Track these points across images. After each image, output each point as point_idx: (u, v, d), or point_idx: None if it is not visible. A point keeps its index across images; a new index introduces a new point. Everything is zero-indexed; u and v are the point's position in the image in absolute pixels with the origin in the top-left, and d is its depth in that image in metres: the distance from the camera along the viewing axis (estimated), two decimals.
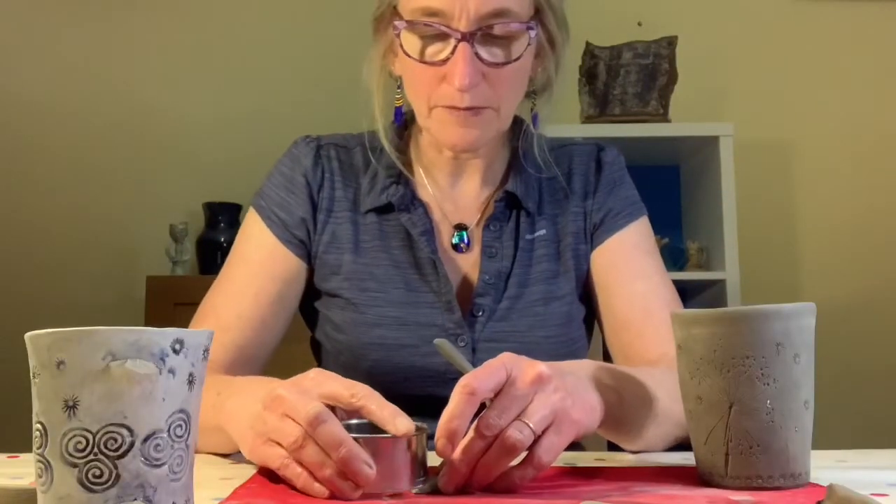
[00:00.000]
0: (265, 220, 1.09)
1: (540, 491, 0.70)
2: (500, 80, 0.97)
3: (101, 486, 0.51)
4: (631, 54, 2.32)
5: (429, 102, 0.99)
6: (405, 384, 1.00)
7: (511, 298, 1.04)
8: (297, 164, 1.10)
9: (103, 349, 0.51)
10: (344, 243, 1.06)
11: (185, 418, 0.53)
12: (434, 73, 0.97)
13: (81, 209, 2.54)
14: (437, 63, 0.96)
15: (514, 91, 1.01)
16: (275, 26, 2.62)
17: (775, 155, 2.63)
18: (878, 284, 2.58)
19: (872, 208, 2.61)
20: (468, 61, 0.94)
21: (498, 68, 0.97)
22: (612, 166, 1.13)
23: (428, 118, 1.01)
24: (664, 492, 0.69)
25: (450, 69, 0.95)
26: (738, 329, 0.68)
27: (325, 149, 1.11)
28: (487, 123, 1.00)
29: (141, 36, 2.60)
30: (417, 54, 0.98)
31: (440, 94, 0.97)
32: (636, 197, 1.14)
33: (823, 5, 2.66)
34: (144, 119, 2.58)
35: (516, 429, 0.66)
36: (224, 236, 2.36)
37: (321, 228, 1.07)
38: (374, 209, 1.07)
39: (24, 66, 2.58)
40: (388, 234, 1.06)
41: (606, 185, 1.12)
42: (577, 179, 1.12)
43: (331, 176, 1.09)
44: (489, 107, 0.98)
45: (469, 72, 0.94)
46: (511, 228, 1.08)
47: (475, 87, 0.95)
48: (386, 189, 1.07)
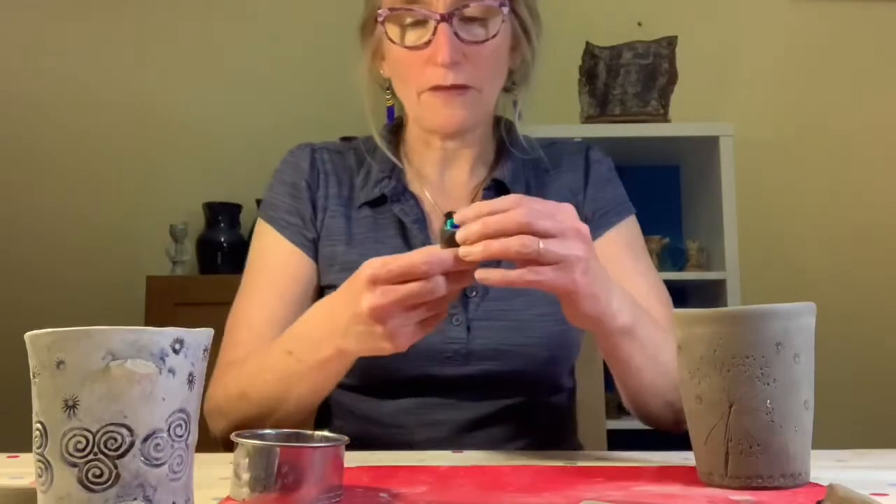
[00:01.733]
0: (278, 229, 1.12)
1: (540, 491, 0.70)
2: (480, 59, 1.03)
3: (101, 486, 0.51)
4: (631, 54, 2.32)
5: (417, 87, 1.04)
6: (402, 364, 1.01)
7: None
8: (296, 170, 1.15)
9: (103, 349, 0.51)
10: (337, 235, 1.10)
11: (184, 418, 0.53)
12: (418, 57, 1.03)
13: (81, 209, 2.54)
14: (420, 46, 1.02)
15: (494, 71, 1.07)
16: (274, 27, 2.62)
17: (775, 155, 2.63)
18: (878, 284, 2.58)
19: (872, 208, 2.61)
20: (449, 39, 1.00)
21: (478, 45, 1.02)
22: (600, 164, 1.17)
23: (417, 105, 1.06)
24: (664, 492, 0.69)
25: (432, 50, 1.01)
26: (739, 329, 0.68)
27: (319, 152, 1.16)
28: (472, 104, 1.05)
29: (141, 36, 2.60)
30: (402, 41, 1.04)
31: (426, 76, 1.03)
32: (625, 196, 1.16)
33: (823, 5, 2.66)
34: (144, 119, 2.58)
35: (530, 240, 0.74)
36: (224, 236, 2.36)
37: (319, 225, 1.12)
38: (367, 203, 1.11)
39: (24, 67, 2.58)
40: (382, 225, 1.10)
41: (596, 182, 1.15)
42: (565, 176, 1.15)
43: (325, 176, 1.14)
44: (472, 86, 1.03)
45: (450, 47, 1.00)
46: None
47: (457, 64, 1.01)
48: (379, 183, 1.11)
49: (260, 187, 2.45)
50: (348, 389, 1.06)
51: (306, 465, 0.63)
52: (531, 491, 0.70)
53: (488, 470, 0.79)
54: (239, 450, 0.64)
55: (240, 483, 0.64)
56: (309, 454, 0.64)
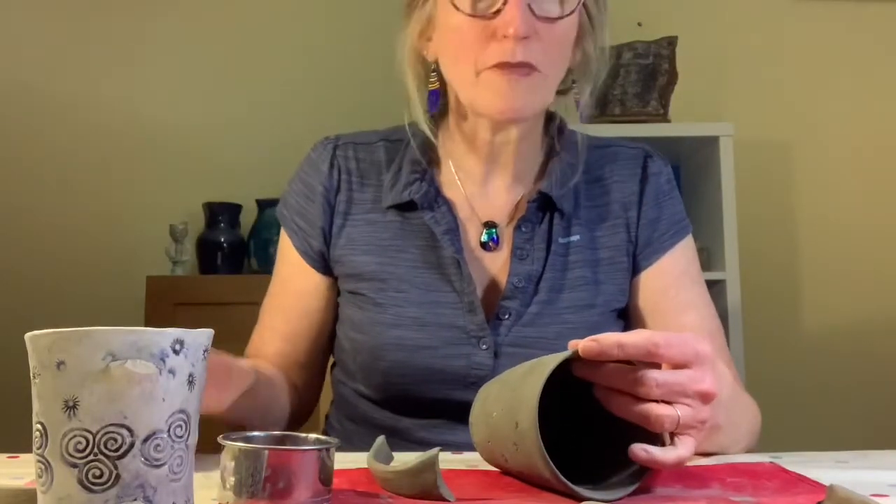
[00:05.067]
0: (288, 231, 1.10)
1: (540, 491, 0.70)
2: (551, 38, 0.95)
3: (101, 487, 0.51)
4: (631, 54, 2.31)
5: (476, 65, 0.95)
6: (423, 387, 0.98)
7: (541, 303, 1.00)
8: (314, 170, 1.09)
9: (103, 349, 0.51)
10: (360, 245, 1.04)
11: (185, 418, 0.53)
12: (482, 30, 0.94)
13: (81, 209, 2.54)
14: (488, 16, 0.93)
15: (561, 56, 0.98)
16: (274, 27, 2.62)
17: (775, 155, 2.63)
18: (879, 284, 2.58)
19: (872, 208, 2.61)
20: (522, 9, 0.91)
21: (550, 23, 0.94)
22: (658, 177, 1.09)
23: (474, 86, 0.96)
24: (664, 492, 0.69)
25: (502, 21, 0.92)
26: None
27: (343, 149, 1.09)
28: (536, 88, 0.96)
29: (141, 37, 2.60)
30: (468, 8, 0.94)
31: (489, 52, 0.94)
32: (683, 213, 1.09)
33: (823, 5, 2.66)
34: (144, 119, 2.58)
35: (667, 408, 0.67)
36: (224, 236, 2.36)
37: (337, 232, 1.06)
38: (395, 206, 1.04)
39: (25, 67, 2.58)
40: (410, 233, 1.04)
41: (652, 199, 1.07)
42: (618, 187, 1.07)
43: (348, 177, 1.07)
44: (538, 69, 0.94)
45: (523, 19, 0.91)
46: (544, 231, 1.03)
47: (527, 39, 0.92)
48: (409, 186, 1.03)
49: (260, 187, 2.47)
50: (369, 400, 1.04)
51: (294, 469, 0.62)
52: (531, 491, 0.70)
53: (488, 470, 0.79)
54: (225, 452, 0.63)
55: (225, 487, 0.62)
56: (297, 457, 0.62)
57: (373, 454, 0.72)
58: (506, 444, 0.69)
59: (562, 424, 0.72)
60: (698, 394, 0.68)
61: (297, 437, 0.70)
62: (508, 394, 0.70)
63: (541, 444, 0.64)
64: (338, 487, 0.68)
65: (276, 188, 2.49)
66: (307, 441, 0.69)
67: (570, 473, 0.65)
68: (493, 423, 0.72)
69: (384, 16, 2.56)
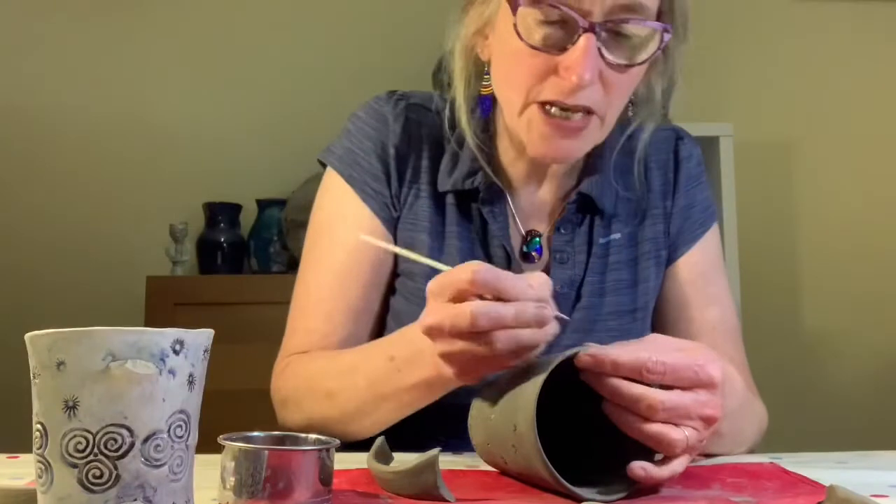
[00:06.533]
0: (362, 196, 0.97)
1: (541, 491, 0.70)
2: (615, 85, 0.87)
3: (101, 487, 0.51)
4: None
5: (527, 97, 0.88)
6: (457, 397, 0.89)
7: (584, 309, 0.97)
8: (385, 126, 0.99)
9: (103, 349, 0.51)
10: (422, 221, 0.97)
11: (185, 419, 0.53)
12: (544, 62, 0.85)
13: (81, 209, 2.54)
14: (553, 52, 0.85)
15: (623, 100, 0.92)
16: (274, 28, 2.62)
17: (775, 155, 2.63)
18: (879, 284, 2.58)
19: (872, 208, 2.61)
20: (592, 54, 0.83)
21: (619, 71, 0.86)
22: (689, 161, 1.05)
23: (520, 116, 0.89)
24: (664, 492, 0.69)
25: (567, 60, 0.84)
26: None
27: (414, 110, 1.00)
28: (589, 135, 0.89)
29: (141, 37, 2.60)
30: (532, 39, 0.85)
31: (546, 86, 0.86)
32: (710, 198, 1.06)
33: (823, 5, 2.66)
34: (144, 119, 2.58)
35: (676, 429, 0.67)
36: (224, 236, 2.36)
37: (404, 200, 0.98)
38: (454, 191, 0.97)
39: (25, 68, 2.57)
40: (467, 222, 0.97)
41: (685, 186, 1.04)
42: (656, 175, 1.03)
43: (418, 143, 0.99)
44: (595, 113, 0.87)
45: (591, 65, 0.83)
46: (584, 232, 0.99)
47: (592, 84, 0.85)
48: (472, 175, 0.96)
49: (260, 187, 2.47)
50: None
51: (294, 469, 0.62)
52: (531, 491, 0.70)
53: (488, 470, 0.78)
54: (225, 452, 0.63)
55: (225, 487, 0.62)
56: (297, 458, 0.63)
57: (373, 454, 0.72)
58: (505, 446, 0.69)
59: (560, 422, 0.73)
60: (702, 418, 0.68)
61: (297, 438, 0.70)
62: (506, 396, 0.70)
63: (539, 446, 0.64)
64: (338, 488, 0.68)
65: (276, 188, 2.52)
66: (307, 441, 0.69)
67: (569, 474, 0.65)
68: (491, 426, 0.72)
69: (385, 16, 2.58)
